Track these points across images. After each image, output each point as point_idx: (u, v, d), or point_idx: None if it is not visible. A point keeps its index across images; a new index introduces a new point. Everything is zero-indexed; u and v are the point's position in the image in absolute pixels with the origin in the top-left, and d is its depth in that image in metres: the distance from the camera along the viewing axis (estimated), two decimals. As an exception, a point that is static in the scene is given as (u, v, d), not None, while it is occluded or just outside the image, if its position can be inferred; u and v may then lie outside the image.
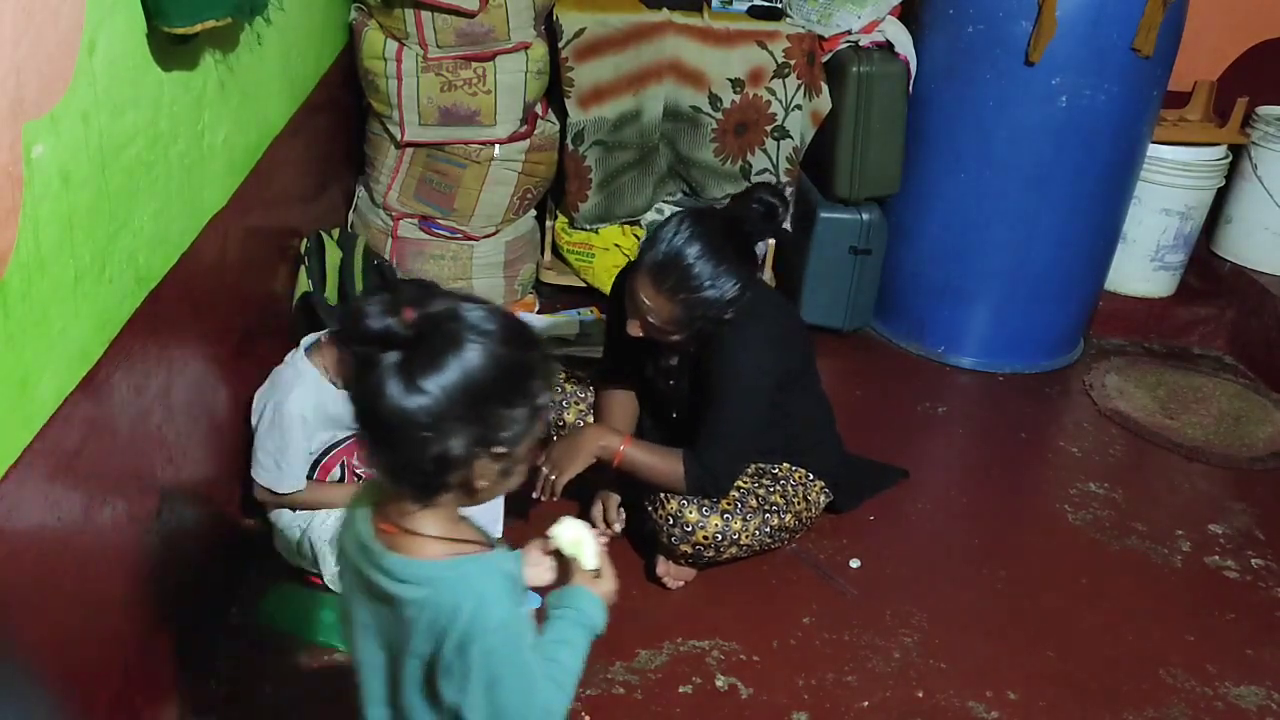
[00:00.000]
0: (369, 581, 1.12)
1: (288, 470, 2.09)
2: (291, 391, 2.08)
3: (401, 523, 1.11)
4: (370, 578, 1.11)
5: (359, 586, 1.14)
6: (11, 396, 1.25)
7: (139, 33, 1.57)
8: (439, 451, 1.04)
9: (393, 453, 1.05)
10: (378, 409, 1.02)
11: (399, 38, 2.84)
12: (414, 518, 1.11)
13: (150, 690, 1.75)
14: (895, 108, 3.04)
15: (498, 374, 1.04)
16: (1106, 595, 2.35)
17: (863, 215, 3.13)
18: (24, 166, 1.24)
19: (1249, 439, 3.00)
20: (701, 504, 2.12)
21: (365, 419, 1.05)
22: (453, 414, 1.02)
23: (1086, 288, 3.29)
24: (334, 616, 2.06)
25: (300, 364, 2.13)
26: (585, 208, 3.19)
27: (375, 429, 1.05)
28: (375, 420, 1.03)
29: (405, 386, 1.00)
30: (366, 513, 1.15)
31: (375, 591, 1.12)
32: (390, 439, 1.04)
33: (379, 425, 1.04)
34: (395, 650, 1.14)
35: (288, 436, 2.07)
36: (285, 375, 2.13)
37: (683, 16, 3.04)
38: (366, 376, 1.02)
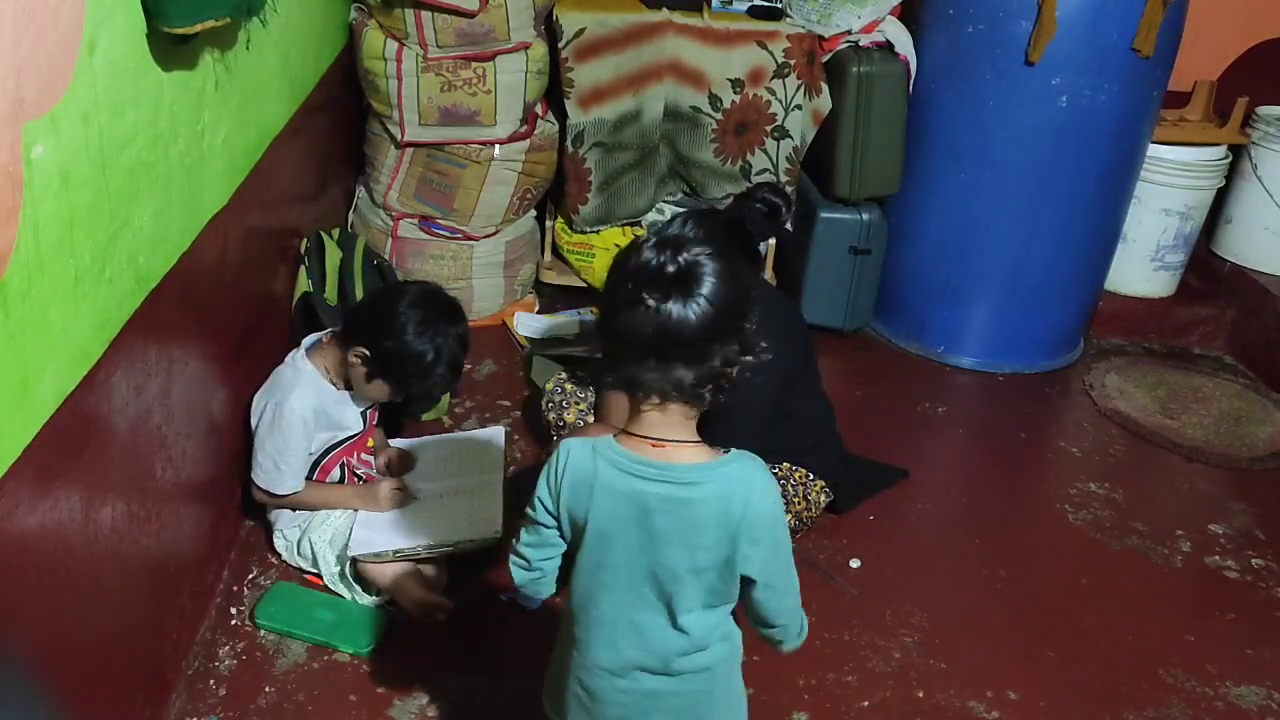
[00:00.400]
0: (653, 497, 1.25)
1: (287, 471, 2.09)
2: (292, 392, 2.08)
3: (669, 436, 1.26)
4: (656, 492, 1.25)
5: (630, 511, 1.26)
6: (11, 396, 1.25)
7: (139, 33, 1.57)
8: (714, 361, 1.22)
9: (683, 369, 1.21)
10: (672, 331, 1.19)
11: (399, 38, 2.84)
12: (681, 431, 1.27)
13: (150, 690, 1.75)
14: (895, 108, 3.04)
15: (739, 296, 1.23)
16: (1106, 595, 2.35)
17: (863, 215, 3.13)
18: (24, 166, 1.24)
19: (1249, 439, 3.00)
20: None
21: (657, 345, 1.20)
22: (722, 327, 1.21)
23: (1086, 288, 3.29)
24: (334, 616, 2.06)
25: (300, 364, 2.13)
26: (585, 211, 3.19)
27: (666, 351, 1.20)
28: (668, 343, 1.20)
29: (694, 308, 1.19)
30: (610, 446, 1.27)
31: (661, 503, 1.25)
32: (684, 355, 1.21)
33: (672, 346, 1.20)
34: (680, 552, 1.27)
35: (288, 437, 2.07)
36: (285, 375, 2.13)
37: (683, 16, 3.04)
38: (659, 306, 1.19)
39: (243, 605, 2.09)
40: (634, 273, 1.20)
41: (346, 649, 2.00)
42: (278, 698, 1.90)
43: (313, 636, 2.02)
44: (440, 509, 2.16)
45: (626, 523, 1.27)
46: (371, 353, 2.07)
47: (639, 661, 1.32)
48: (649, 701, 1.33)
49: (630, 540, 1.28)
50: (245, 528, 2.27)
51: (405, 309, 2.07)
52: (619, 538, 1.28)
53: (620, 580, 1.30)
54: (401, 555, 2.05)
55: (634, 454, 1.26)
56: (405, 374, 2.08)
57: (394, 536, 2.07)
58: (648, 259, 1.20)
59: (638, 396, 1.26)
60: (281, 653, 2.00)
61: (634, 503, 1.26)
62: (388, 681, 1.95)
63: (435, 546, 2.07)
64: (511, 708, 1.92)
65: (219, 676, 1.93)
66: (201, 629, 1.99)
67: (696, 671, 1.33)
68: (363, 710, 1.89)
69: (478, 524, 2.12)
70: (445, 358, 2.09)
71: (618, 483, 1.26)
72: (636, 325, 1.20)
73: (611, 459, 1.26)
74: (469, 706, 1.92)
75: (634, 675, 1.33)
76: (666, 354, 1.21)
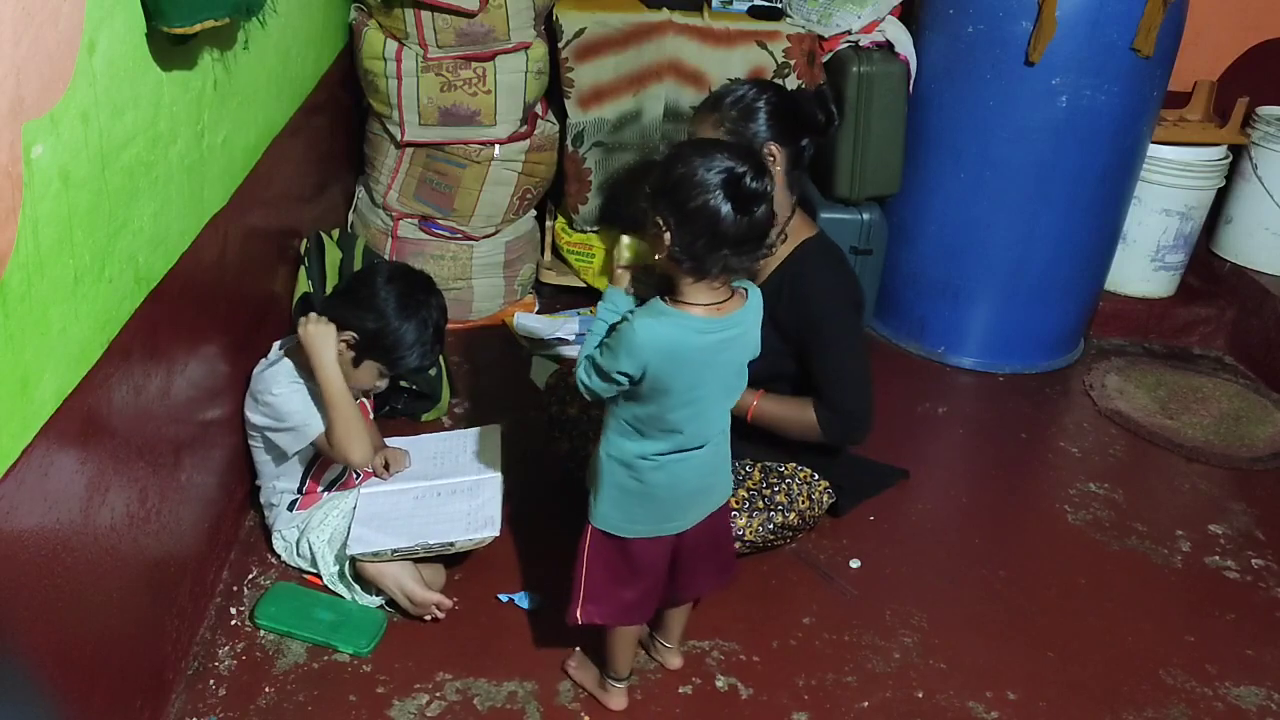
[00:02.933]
0: (720, 344, 1.65)
1: (307, 418, 2.09)
2: (272, 383, 2.10)
3: (717, 300, 1.64)
4: (724, 339, 1.65)
5: (703, 359, 1.64)
6: (11, 396, 1.25)
7: (138, 33, 1.57)
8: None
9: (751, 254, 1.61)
10: (754, 231, 1.59)
11: (399, 38, 2.84)
12: (726, 291, 1.65)
13: (150, 690, 1.76)
14: (895, 108, 3.04)
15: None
16: (1106, 595, 2.35)
17: (863, 215, 3.13)
18: (24, 166, 1.24)
19: (1249, 439, 3.00)
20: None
21: (738, 241, 1.57)
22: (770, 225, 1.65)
23: (1086, 288, 3.29)
24: (334, 616, 2.06)
25: (274, 358, 2.17)
26: (585, 210, 3.19)
27: (745, 244, 1.58)
28: (749, 239, 1.58)
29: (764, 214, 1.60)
30: (684, 317, 1.62)
31: (727, 343, 1.66)
32: (755, 246, 1.61)
33: (750, 241, 1.59)
34: (727, 368, 1.71)
35: (282, 407, 2.08)
36: (264, 374, 2.14)
37: (683, 16, 3.04)
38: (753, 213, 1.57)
39: (242, 605, 2.09)
40: (728, 186, 1.54)
41: (346, 649, 2.00)
42: (277, 698, 1.90)
43: (312, 637, 2.02)
44: (438, 508, 2.16)
45: (705, 366, 1.65)
46: (359, 335, 2.08)
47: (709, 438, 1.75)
48: (708, 475, 1.80)
49: (708, 376, 1.66)
50: (245, 528, 2.28)
51: (383, 287, 2.10)
52: (701, 378, 1.65)
53: (703, 404, 1.68)
54: (400, 554, 2.05)
55: (708, 318, 1.63)
56: (393, 350, 2.10)
57: (393, 535, 2.07)
58: (741, 174, 1.54)
59: (710, 275, 1.60)
60: (281, 653, 2.00)
61: (712, 351, 1.65)
62: (388, 681, 1.95)
63: (434, 546, 2.07)
64: (511, 708, 1.92)
65: (219, 677, 1.93)
66: (201, 629, 1.99)
67: (725, 431, 1.80)
68: (363, 710, 1.89)
69: (476, 524, 2.11)
70: (431, 327, 2.13)
71: (700, 341, 1.63)
72: (726, 225, 1.55)
73: (692, 326, 1.62)
74: (469, 706, 1.92)
75: (701, 457, 1.75)
76: (744, 246, 1.58)
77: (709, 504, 1.84)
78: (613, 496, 1.76)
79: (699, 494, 1.81)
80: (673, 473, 1.73)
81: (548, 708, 1.93)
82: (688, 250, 1.58)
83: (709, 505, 1.84)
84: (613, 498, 1.77)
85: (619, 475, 1.74)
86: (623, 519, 1.77)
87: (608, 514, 1.78)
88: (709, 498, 1.83)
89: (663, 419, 1.68)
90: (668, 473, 1.73)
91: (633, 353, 1.61)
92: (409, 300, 2.11)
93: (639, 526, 1.78)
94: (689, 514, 1.81)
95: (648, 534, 1.78)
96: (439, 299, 2.19)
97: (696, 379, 1.65)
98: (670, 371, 1.62)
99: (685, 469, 1.74)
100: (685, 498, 1.79)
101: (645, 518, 1.77)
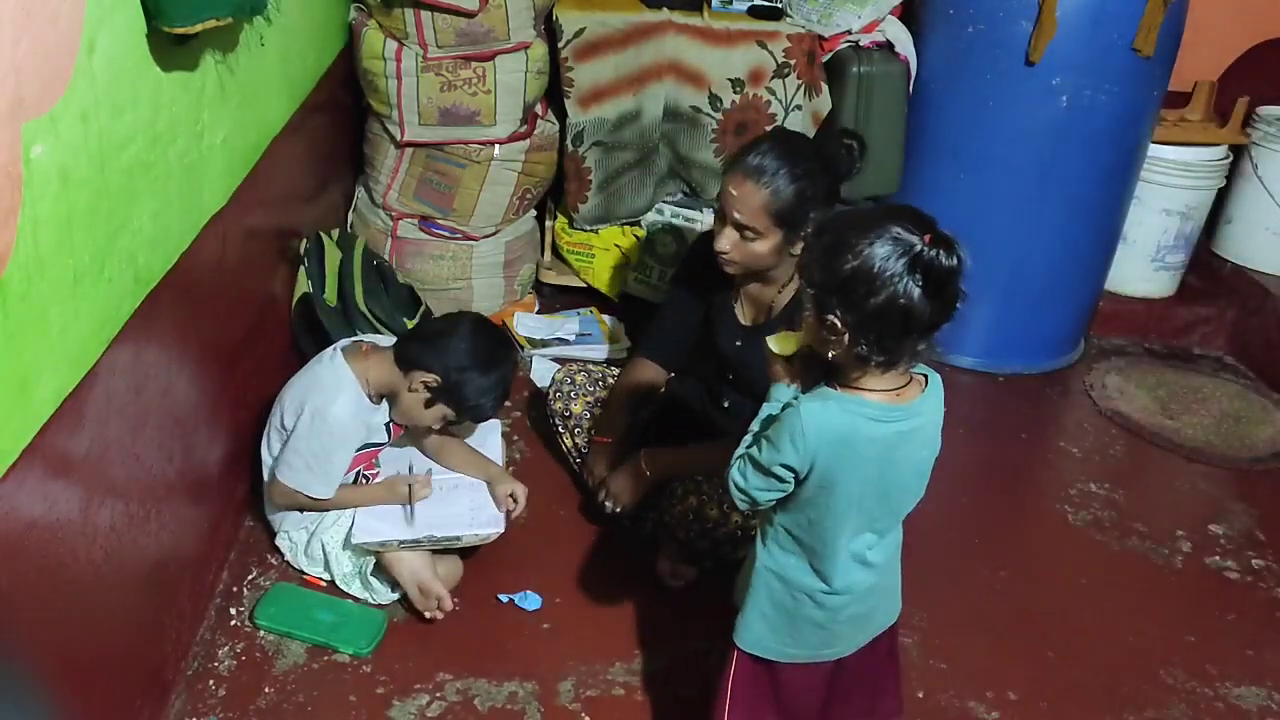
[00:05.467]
0: (896, 437, 1.44)
1: (322, 475, 2.08)
2: (337, 398, 2.07)
3: (896, 386, 1.45)
4: (900, 431, 1.45)
5: (875, 452, 1.44)
6: (11, 396, 1.25)
7: (138, 33, 1.57)
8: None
9: (927, 338, 1.41)
10: (952, 301, 1.37)
11: (398, 38, 2.84)
12: (905, 378, 1.46)
13: (150, 690, 1.75)
14: (895, 108, 3.04)
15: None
16: (1106, 595, 2.35)
17: (863, 215, 3.12)
18: (23, 166, 1.24)
19: (1249, 439, 3.00)
20: (724, 501, 2.12)
21: (932, 328, 1.39)
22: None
23: (1087, 288, 3.29)
24: (333, 617, 2.06)
25: (341, 370, 2.11)
26: (585, 208, 3.19)
27: (928, 328, 1.39)
28: (935, 323, 1.39)
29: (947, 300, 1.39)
30: (859, 403, 1.43)
31: (905, 437, 1.45)
32: (931, 330, 1.40)
33: (933, 325, 1.39)
34: (903, 470, 1.50)
35: (328, 443, 2.06)
36: (326, 379, 2.10)
37: (683, 16, 3.03)
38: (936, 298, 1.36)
39: (242, 606, 2.09)
40: (916, 271, 1.33)
41: (346, 649, 2.00)
42: (277, 698, 1.90)
43: (312, 637, 2.02)
44: (442, 500, 2.17)
45: (881, 462, 1.45)
46: (441, 380, 2.08)
47: (874, 562, 1.54)
48: (872, 599, 1.58)
49: (883, 474, 1.47)
50: (245, 528, 2.27)
51: (468, 338, 2.11)
52: (873, 476, 1.46)
53: (868, 504, 1.49)
54: (406, 545, 2.05)
55: (885, 404, 1.44)
56: (468, 400, 2.11)
57: (397, 527, 2.07)
58: (930, 255, 1.33)
59: (900, 366, 1.43)
60: (281, 653, 2.00)
61: (888, 444, 1.45)
62: (388, 681, 1.95)
63: (439, 538, 2.07)
64: (511, 708, 1.92)
65: (218, 677, 1.93)
66: (201, 629, 1.99)
67: (894, 556, 1.61)
68: (362, 710, 1.89)
69: (480, 520, 2.13)
70: (506, 384, 2.16)
71: (875, 431, 1.43)
72: (920, 314, 1.35)
73: (867, 413, 1.42)
74: (469, 706, 1.92)
75: (869, 586, 1.55)
76: (938, 328, 1.39)
77: (872, 626, 1.62)
78: (765, 613, 1.57)
79: (863, 617, 1.59)
80: (847, 601, 1.54)
81: (548, 708, 1.93)
82: (878, 349, 1.38)
83: (873, 628, 1.62)
84: (765, 614, 1.57)
85: (777, 592, 1.55)
86: (775, 641, 1.58)
87: (758, 633, 1.59)
88: (872, 620, 1.62)
89: (834, 530, 1.49)
90: (842, 601, 1.54)
91: (797, 440, 1.40)
92: (493, 354, 2.13)
93: (794, 651, 1.59)
94: (852, 637, 1.60)
95: (808, 659, 1.59)
96: (515, 356, 2.24)
97: (868, 477, 1.46)
98: (839, 467, 1.43)
99: (858, 596, 1.55)
100: (853, 625, 1.58)
101: (801, 642, 1.58)
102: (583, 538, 2.34)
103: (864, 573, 1.53)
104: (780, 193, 2.00)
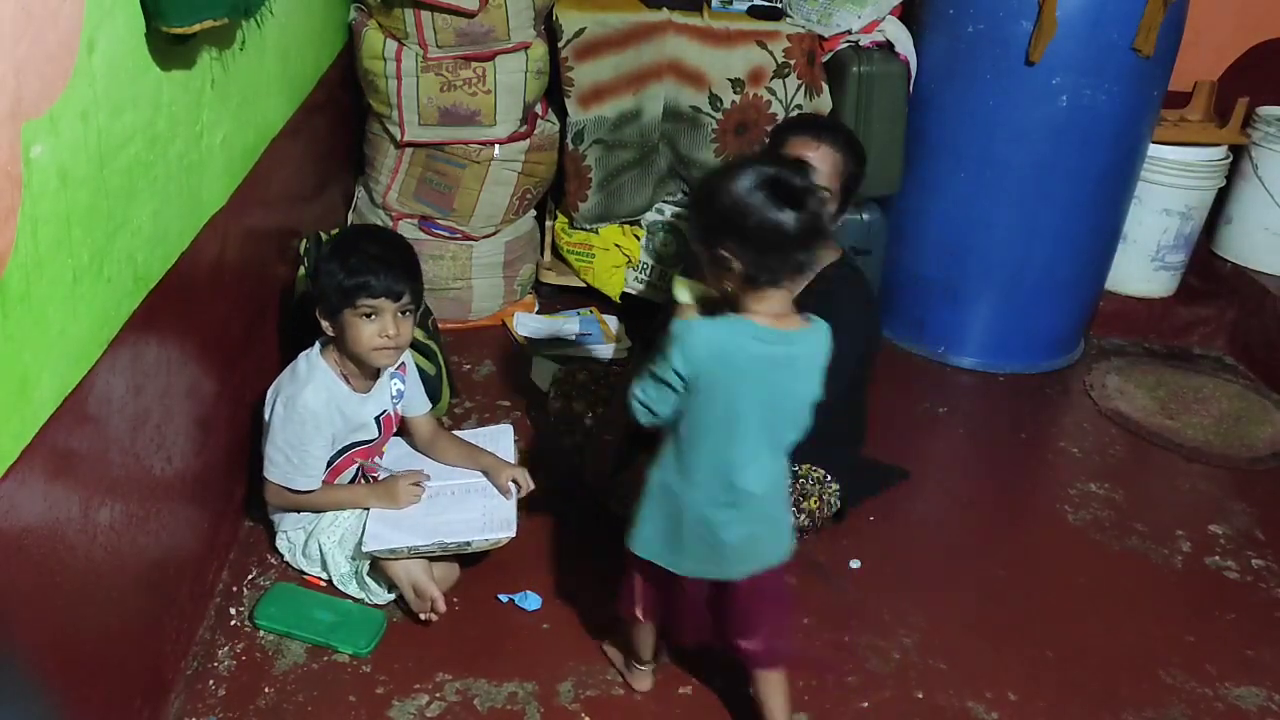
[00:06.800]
0: (773, 359, 1.60)
1: (301, 466, 2.07)
2: (305, 386, 2.06)
3: (784, 311, 1.62)
4: (777, 354, 1.61)
5: (755, 371, 1.60)
6: (11, 396, 1.25)
7: (138, 32, 1.57)
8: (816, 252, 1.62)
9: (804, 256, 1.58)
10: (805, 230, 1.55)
11: (399, 38, 2.84)
12: (789, 306, 1.63)
13: (149, 690, 1.75)
14: (895, 108, 3.04)
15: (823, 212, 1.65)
16: (1106, 595, 2.35)
17: (863, 215, 3.12)
18: (23, 166, 1.24)
19: (1249, 439, 3.00)
20: None
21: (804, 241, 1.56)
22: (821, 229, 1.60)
23: (1087, 288, 3.29)
24: (333, 617, 2.06)
25: (315, 360, 2.11)
26: (585, 207, 3.19)
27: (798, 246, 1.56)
28: (807, 238, 1.56)
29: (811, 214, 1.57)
30: (742, 323, 1.60)
31: (781, 361, 1.61)
32: (807, 249, 1.58)
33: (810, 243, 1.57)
34: (781, 397, 1.64)
35: (301, 431, 2.05)
36: (300, 370, 2.11)
37: (683, 16, 3.03)
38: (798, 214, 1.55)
39: (242, 606, 2.09)
40: (776, 194, 1.53)
41: (346, 649, 2.00)
42: (277, 698, 1.90)
43: (312, 637, 2.02)
44: (453, 506, 2.16)
45: (756, 381, 1.61)
46: (321, 304, 2.06)
47: (749, 488, 1.66)
48: (751, 513, 1.70)
49: (757, 394, 1.61)
50: (245, 528, 2.27)
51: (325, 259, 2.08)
52: (748, 393, 1.61)
53: (745, 434, 1.63)
54: (416, 552, 2.05)
55: (765, 326, 1.59)
56: (324, 289, 2.03)
57: (409, 534, 2.06)
58: (782, 178, 1.54)
59: (784, 282, 1.59)
60: (281, 653, 2.00)
61: (766, 364, 1.60)
62: (388, 681, 1.95)
63: (450, 545, 2.07)
64: (511, 708, 1.92)
65: (218, 677, 1.93)
66: (201, 629, 1.99)
67: (774, 487, 1.73)
68: (362, 710, 1.89)
69: (492, 524, 2.11)
70: (365, 254, 2.04)
71: (755, 349, 1.59)
72: (790, 228, 1.54)
73: (748, 331, 1.59)
74: (469, 707, 1.92)
75: (746, 498, 1.67)
76: (811, 241, 1.57)
77: (757, 558, 1.75)
78: (653, 521, 1.73)
79: (746, 543, 1.72)
80: (722, 528, 1.68)
81: (548, 708, 1.93)
82: (762, 267, 1.56)
83: (757, 560, 1.75)
84: (653, 522, 1.74)
85: (662, 503, 1.71)
86: (661, 549, 1.74)
87: (646, 537, 1.75)
88: (756, 550, 1.74)
89: (713, 445, 1.63)
90: (716, 526, 1.68)
91: (685, 349, 1.59)
92: (342, 242, 2.10)
93: (677, 562, 1.74)
94: (737, 563, 1.73)
95: (688, 574, 1.75)
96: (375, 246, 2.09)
97: (743, 393, 1.60)
98: (720, 378, 1.59)
99: (734, 529, 1.69)
100: (724, 554, 1.71)
101: (682, 557, 1.73)
102: (584, 538, 2.34)
103: (744, 496, 1.67)
104: (849, 161, 2.09)
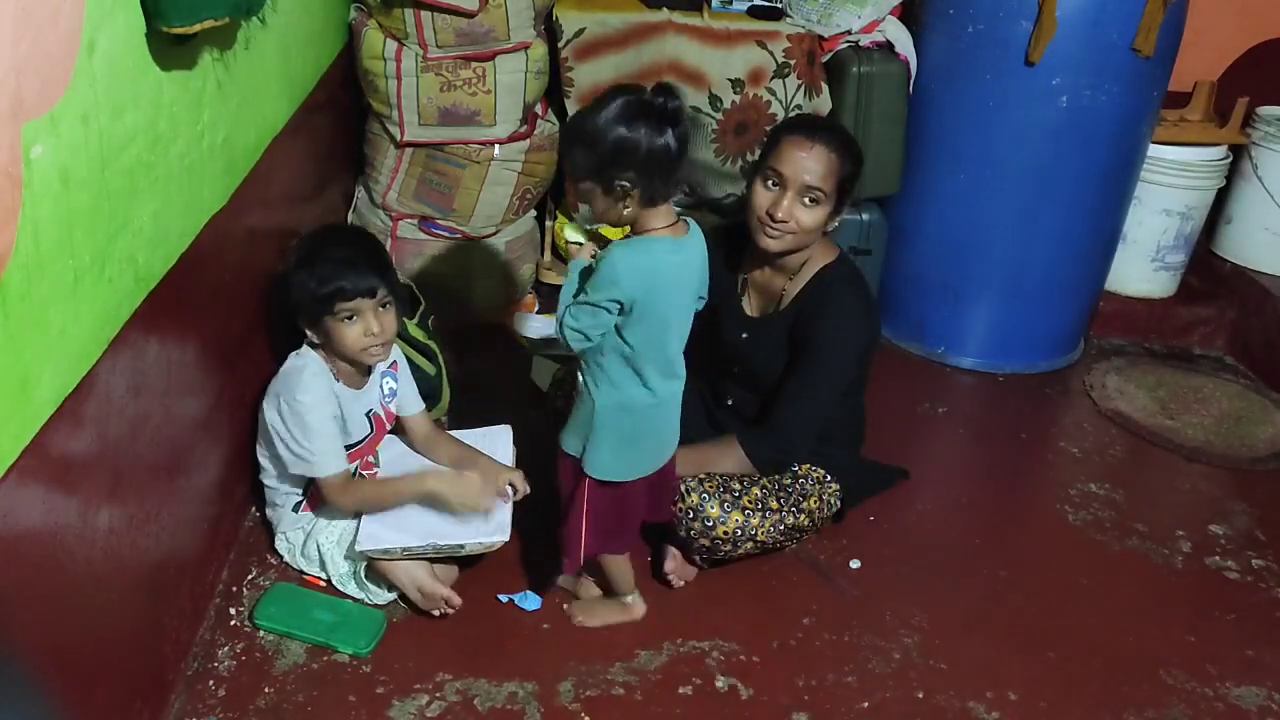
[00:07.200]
0: (684, 264, 1.79)
1: (321, 451, 2.04)
2: (300, 380, 2.06)
3: (674, 219, 1.78)
4: (683, 260, 1.78)
5: (676, 278, 1.78)
6: (11, 396, 1.25)
7: (138, 33, 1.57)
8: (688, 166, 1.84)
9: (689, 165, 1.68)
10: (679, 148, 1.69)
11: (399, 38, 2.84)
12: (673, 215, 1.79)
13: (149, 691, 1.75)
14: (895, 108, 3.04)
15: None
16: (1106, 595, 2.35)
17: (863, 215, 3.13)
18: (23, 167, 1.24)
19: (1249, 439, 3.00)
20: (724, 499, 2.13)
21: (685, 152, 1.71)
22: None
23: (1087, 288, 3.29)
24: (333, 617, 2.06)
25: (305, 356, 2.11)
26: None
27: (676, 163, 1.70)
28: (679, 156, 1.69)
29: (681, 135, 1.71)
30: (651, 240, 1.75)
31: (687, 264, 1.80)
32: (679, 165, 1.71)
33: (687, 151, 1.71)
34: (687, 294, 1.84)
35: (309, 420, 2.03)
36: (290, 368, 2.10)
37: (683, 16, 3.03)
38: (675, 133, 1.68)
39: (242, 606, 2.09)
40: (648, 119, 1.65)
41: (346, 649, 2.00)
42: (277, 698, 1.90)
43: (312, 637, 2.02)
44: None
45: (677, 287, 1.79)
46: (300, 312, 2.06)
47: (682, 373, 1.89)
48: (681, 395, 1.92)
49: (678, 299, 1.81)
50: (245, 528, 2.28)
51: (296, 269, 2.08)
52: (675, 300, 1.79)
53: (676, 327, 1.82)
54: (410, 553, 2.04)
55: (670, 238, 1.76)
56: (314, 304, 2.04)
57: (404, 534, 2.06)
58: (647, 103, 1.67)
59: (670, 196, 1.74)
60: (281, 653, 2.00)
61: (679, 270, 1.78)
62: (388, 681, 1.95)
63: (444, 547, 2.06)
64: (511, 708, 1.92)
65: (218, 677, 1.93)
66: (201, 630, 1.99)
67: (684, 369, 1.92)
68: (362, 710, 1.89)
69: (488, 528, 2.10)
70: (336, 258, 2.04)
71: (671, 259, 1.76)
72: (669, 147, 1.67)
73: (663, 248, 1.74)
74: (469, 707, 1.92)
75: (681, 384, 1.90)
76: (685, 155, 1.70)
77: (674, 442, 1.98)
78: (611, 445, 1.87)
79: (674, 432, 1.96)
80: (668, 410, 1.89)
81: (548, 708, 1.93)
82: (648, 187, 1.69)
83: (674, 443, 1.98)
84: (611, 446, 1.87)
85: (618, 422, 1.85)
86: (623, 466, 1.90)
87: (608, 463, 1.89)
88: (674, 436, 1.98)
89: (657, 345, 1.79)
90: (665, 410, 1.88)
91: (617, 280, 1.71)
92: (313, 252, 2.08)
93: (637, 469, 1.92)
94: (669, 446, 1.97)
95: (645, 474, 1.93)
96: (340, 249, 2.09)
97: (670, 299, 1.77)
98: (654, 293, 1.73)
99: (674, 405, 1.90)
100: (671, 434, 1.95)
101: (641, 461, 1.92)
102: (583, 538, 2.34)
103: (676, 383, 1.88)
104: (845, 162, 2.10)
